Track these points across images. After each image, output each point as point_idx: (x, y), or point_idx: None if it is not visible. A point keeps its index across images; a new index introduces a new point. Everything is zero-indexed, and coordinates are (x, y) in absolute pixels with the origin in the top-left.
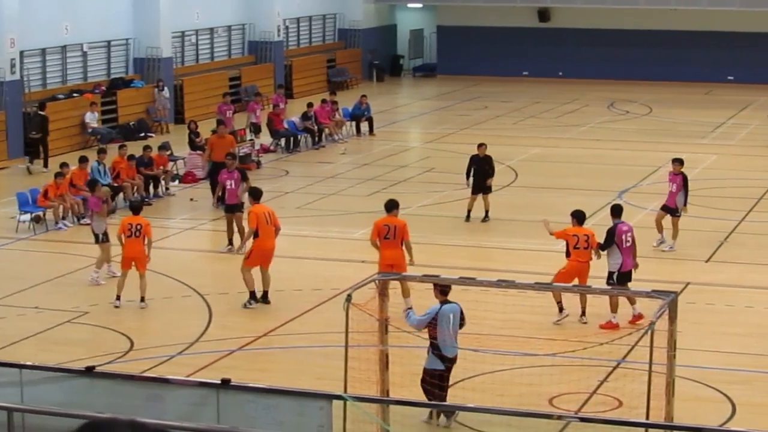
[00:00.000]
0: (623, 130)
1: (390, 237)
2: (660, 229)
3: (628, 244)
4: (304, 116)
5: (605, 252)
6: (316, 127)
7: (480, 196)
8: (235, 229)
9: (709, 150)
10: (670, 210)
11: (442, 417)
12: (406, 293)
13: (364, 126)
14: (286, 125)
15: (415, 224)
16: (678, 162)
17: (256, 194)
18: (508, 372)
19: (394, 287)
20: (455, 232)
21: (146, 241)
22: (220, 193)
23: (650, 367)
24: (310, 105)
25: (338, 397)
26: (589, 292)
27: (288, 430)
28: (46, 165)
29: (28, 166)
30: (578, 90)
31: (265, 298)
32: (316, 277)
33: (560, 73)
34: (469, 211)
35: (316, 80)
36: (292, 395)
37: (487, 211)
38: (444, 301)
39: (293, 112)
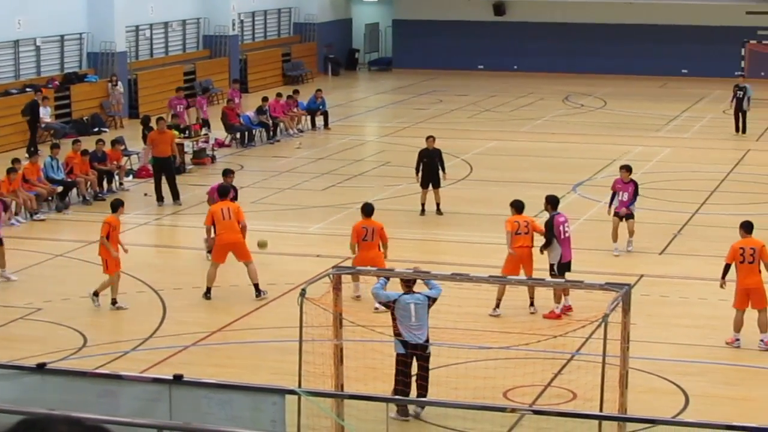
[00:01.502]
0: (578, 123)
1: (369, 239)
2: (615, 238)
3: (567, 235)
4: (260, 110)
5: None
6: (271, 122)
7: (431, 190)
8: None
9: (663, 143)
10: (625, 216)
11: (409, 408)
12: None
13: (320, 120)
14: (241, 120)
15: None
16: (626, 169)
17: (220, 191)
18: (463, 365)
19: (366, 281)
20: (410, 225)
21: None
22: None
23: (604, 359)
24: (265, 99)
25: (292, 392)
26: (542, 285)
27: (242, 426)
28: None
29: None
30: (533, 83)
31: (257, 292)
32: (271, 271)
33: (515, 67)
34: (422, 205)
35: (271, 74)
36: (246, 390)
37: (438, 204)
38: (407, 291)
39: (249, 106)
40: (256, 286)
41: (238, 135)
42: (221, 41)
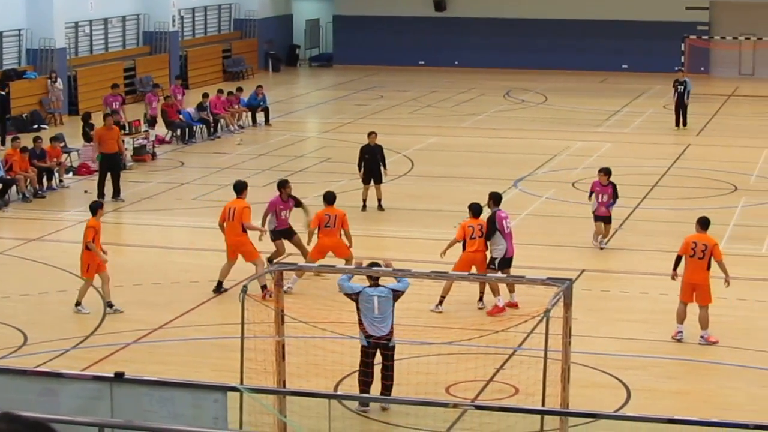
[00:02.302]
0: (519, 118)
1: (330, 225)
2: (600, 232)
3: (509, 231)
4: (200, 107)
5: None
6: (211, 118)
7: (372, 186)
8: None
9: (603, 138)
10: (605, 218)
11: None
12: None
13: (261, 116)
14: (181, 116)
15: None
16: (605, 173)
17: (235, 188)
18: (406, 361)
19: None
20: (352, 221)
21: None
22: (268, 227)
23: (546, 354)
24: (205, 95)
25: (234, 389)
26: (484, 280)
27: (184, 423)
28: None
29: None
30: (474, 79)
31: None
32: (212, 268)
33: (456, 63)
34: (364, 201)
35: (212, 71)
36: (188, 388)
37: (380, 200)
38: (371, 284)
39: (189, 102)
40: (263, 287)
41: (178, 132)
42: (161, 37)
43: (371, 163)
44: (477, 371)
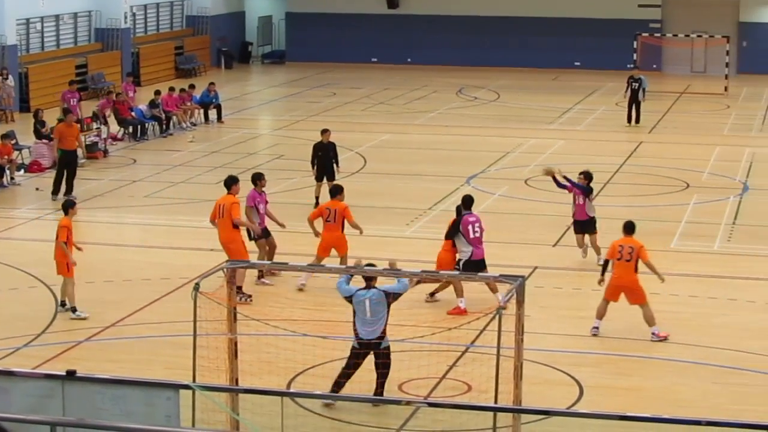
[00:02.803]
0: (472, 116)
1: (331, 220)
2: (581, 244)
3: (476, 235)
4: (152, 104)
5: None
6: (164, 115)
7: (325, 183)
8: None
9: (556, 135)
10: (584, 225)
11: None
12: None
13: (213, 114)
14: (133, 113)
15: None
16: (585, 176)
17: (225, 184)
18: None
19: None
20: (304, 219)
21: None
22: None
23: (498, 351)
24: (157, 93)
25: (186, 387)
26: (438, 278)
27: (136, 421)
28: None
29: None
30: (427, 76)
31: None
32: (164, 265)
33: (409, 60)
34: (317, 198)
35: (164, 68)
36: (140, 385)
37: None
38: (365, 286)
39: (141, 100)
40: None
41: (130, 129)
42: (113, 34)
43: (324, 160)
44: (430, 368)
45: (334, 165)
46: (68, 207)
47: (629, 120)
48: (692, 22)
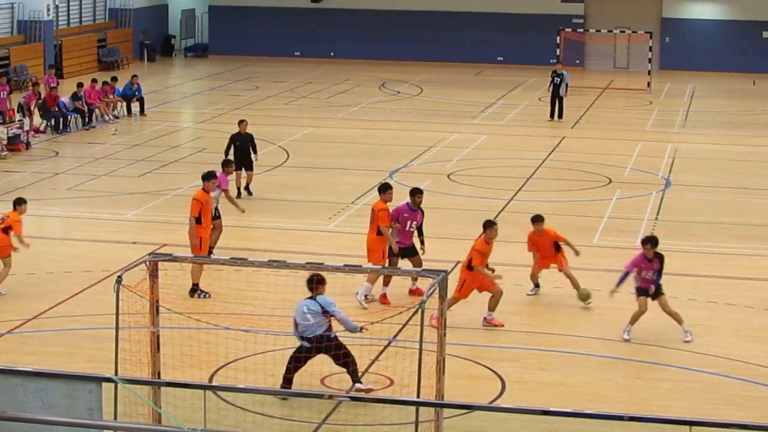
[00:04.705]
0: (395, 110)
1: (370, 221)
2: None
3: (411, 230)
4: (74, 96)
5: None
6: (86, 108)
7: (243, 172)
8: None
9: (478, 130)
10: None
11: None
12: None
13: (135, 106)
14: (56, 105)
15: (185, 205)
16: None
17: (204, 177)
18: (281, 352)
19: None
20: (225, 212)
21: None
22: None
23: (421, 345)
24: (80, 85)
25: (108, 380)
26: (359, 272)
27: (58, 414)
28: None
29: None
30: (350, 70)
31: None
32: (86, 258)
33: (332, 54)
34: (238, 188)
35: (87, 60)
36: (61, 378)
37: (248, 184)
38: (310, 297)
39: (64, 92)
40: (195, 286)
41: (52, 121)
42: (36, 26)
43: (242, 150)
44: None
45: (252, 154)
46: (17, 204)
47: (552, 115)
48: (615, 17)
